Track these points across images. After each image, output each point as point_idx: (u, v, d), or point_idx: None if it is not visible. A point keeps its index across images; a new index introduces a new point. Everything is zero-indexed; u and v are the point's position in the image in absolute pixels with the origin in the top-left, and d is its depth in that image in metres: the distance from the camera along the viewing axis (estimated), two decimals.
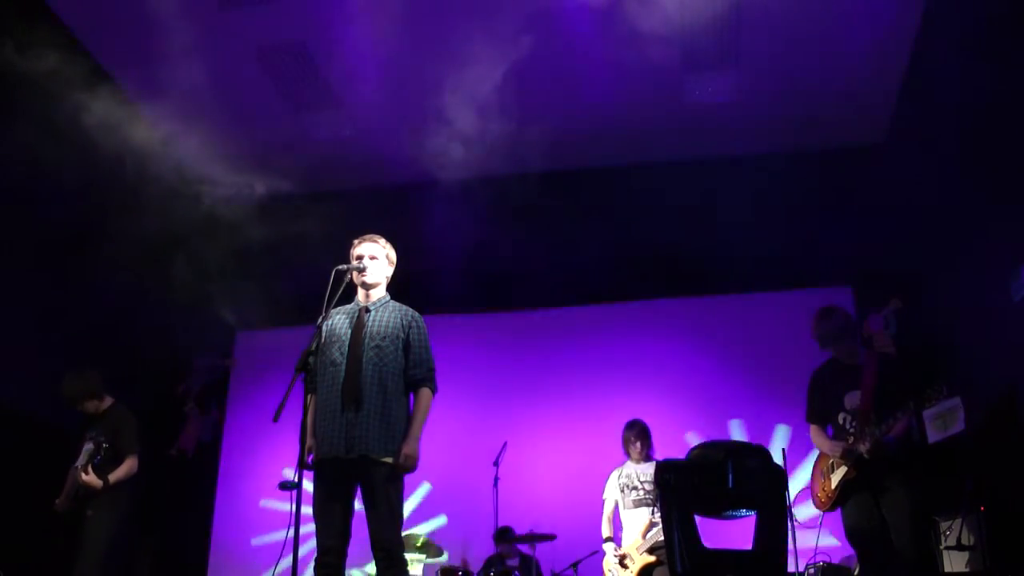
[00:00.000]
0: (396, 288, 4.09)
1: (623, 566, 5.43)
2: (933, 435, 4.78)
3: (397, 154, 6.74)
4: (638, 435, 5.67)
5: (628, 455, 5.72)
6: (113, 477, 4.91)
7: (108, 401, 5.22)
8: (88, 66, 5.69)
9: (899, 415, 4.04)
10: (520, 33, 5.44)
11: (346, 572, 3.69)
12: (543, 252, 7.42)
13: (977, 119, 5.19)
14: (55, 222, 6.20)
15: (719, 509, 3.39)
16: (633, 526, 5.49)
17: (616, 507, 5.68)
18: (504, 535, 6.32)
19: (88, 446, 4.93)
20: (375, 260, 3.96)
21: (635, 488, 5.55)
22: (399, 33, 5.44)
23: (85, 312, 6.48)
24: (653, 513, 5.33)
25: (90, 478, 4.82)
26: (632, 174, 6.98)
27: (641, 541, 5.37)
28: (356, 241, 4.01)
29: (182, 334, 7.88)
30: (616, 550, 5.52)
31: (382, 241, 4.03)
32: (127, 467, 5.00)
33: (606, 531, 5.67)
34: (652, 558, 5.28)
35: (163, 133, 6.43)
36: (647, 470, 5.53)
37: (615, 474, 5.74)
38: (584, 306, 7.54)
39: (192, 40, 5.46)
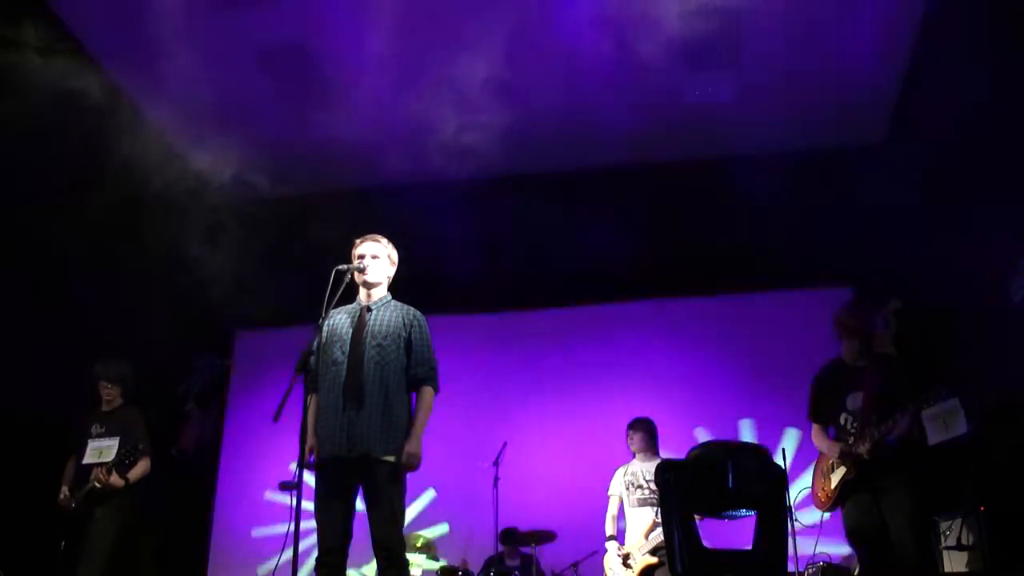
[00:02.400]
0: (397, 288, 4.10)
1: (625, 566, 5.42)
2: (934, 437, 4.77)
3: (397, 154, 6.74)
4: (643, 433, 5.64)
5: (634, 453, 5.70)
6: (132, 476, 5.04)
7: (121, 400, 5.31)
8: (86, 65, 5.68)
9: (898, 416, 4.05)
10: (520, 33, 5.44)
11: (347, 572, 3.69)
12: (544, 252, 7.42)
13: (977, 119, 5.19)
14: (55, 222, 6.20)
15: (719, 509, 3.40)
16: (636, 525, 5.46)
17: (621, 505, 5.65)
18: (510, 535, 6.33)
19: (95, 443, 5.00)
20: (376, 259, 3.97)
21: (640, 487, 5.52)
22: (399, 33, 5.44)
23: (84, 311, 6.48)
24: (657, 513, 5.30)
25: (115, 479, 4.93)
26: (632, 174, 6.97)
27: (644, 542, 5.35)
28: (358, 241, 4.02)
29: (182, 334, 7.89)
30: (619, 549, 5.50)
31: (384, 241, 4.04)
32: (143, 467, 5.12)
33: (609, 529, 5.64)
34: (654, 559, 5.26)
35: (162, 132, 6.43)
36: (653, 469, 5.46)
37: (620, 471, 5.70)
38: (584, 306, 7.54)
39: (192, 40, 5.45)
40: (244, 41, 5.76)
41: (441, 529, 7.07)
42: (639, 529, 5.42)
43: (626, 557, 5.42)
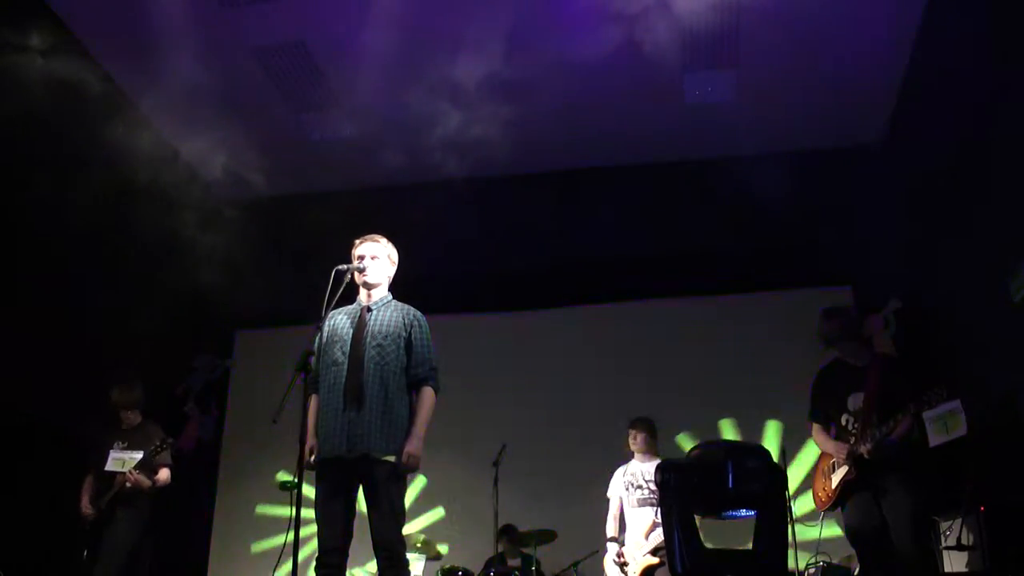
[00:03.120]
0: (397, 288, 4.09)
1: (626, 566, 5.41)
2: (935, 439, 4.76)
3: (397, 154, 6.74)
4: (646, 433, 5.63)
5: (633, 453, 5.68)
6: (158, 479, 5.25)
7: (140, 416, 5.50)
8: (87, 66, 5.68)
9: (900, 417, 4.05)
10: (520, 34, 5.44)
11: (347, 572, 3.69)
12: (543, 252, 7.42)
13: (976, 119, 5.19)
14: (55, 222, 6.20)
15: (719, 509, 3.39)
16: (637, 526, 5.45)
17: (621, 505, 5.64)
18: (508, 533, 6.33)
19: (116, 453, 5.18)
20: (376, 260, 3.97)
21: (639, 487, 5.51)
22: (399, 32, 5.44)
23: (85, 312, 6.48)
24: (657, 514, 5.29)
25: (140, 477, 5.10)
26: (632, 174, 6.97)
27: (644, 542, 5.34)
28: (357, 241, 4.02)
29: (182, 334, 7.88)
30: (620, 550, 5.49)
31: (383, 241, 4.04)
32: (164, 475, 5.33)
33: (610, 530, 5.63)
34: (655, 559, 5.25)
35: (161, 131, 6.44)
36: (652, 469, 5.43)
37: (620, 472, 5.69)
38: (584, 306, 7.53)
39: (192, 39, 5.46)
40: (244, 40, 5.76)
41: (440, 522, 7.07)
42: (640, 529, 5.41)
43: (626, 559, 5.41)
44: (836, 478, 4.26)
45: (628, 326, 7.40)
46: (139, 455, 5.14)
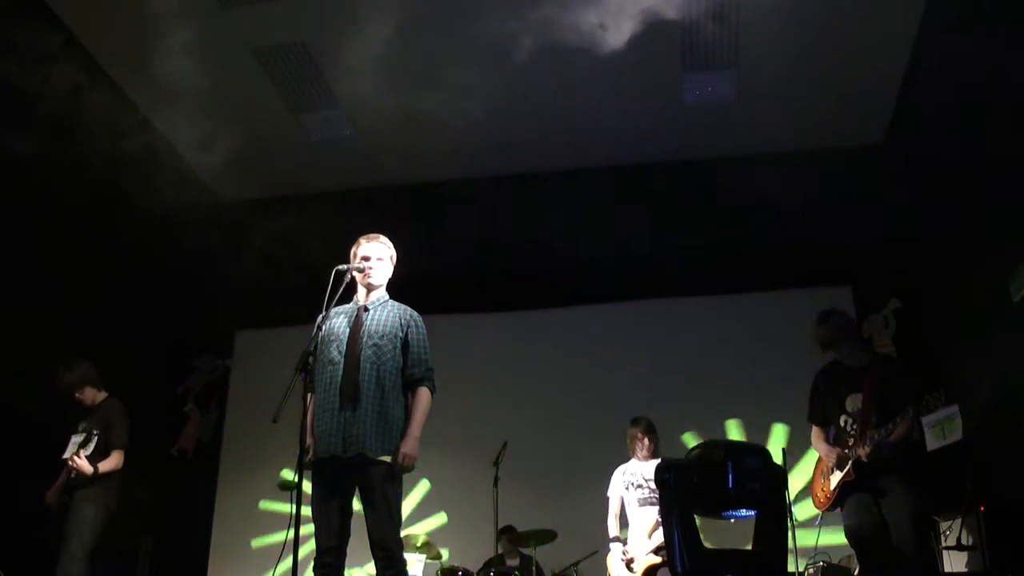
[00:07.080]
0: (395, 288, 4.09)
1: (629, 566, 5.41)
2: (932, 443, 4.77)
3: (397, 154, 6.74)
4: (645, 432, 5.62)
5: (633, 453, 5.67)
6: (102, 467, 4.94)
7: (103, 394, 5.26)
8: (87, 65, 5.68)
9: (899, 420, 4.03)
10: (519, 33, 5.43)
11: (345, 572, 3.69)
12: (543, 252, 7.42)
13: (976, 119, 5.19)
14: (54, 221, 6.20)
15: (719, 509, 3.40)
16: (639, 525, 5.45)
17: (622, 505, 5.62)
18: (508, 533, 6.32)
19: (77, 437, 4.99)
20: (381, 261, 3.97)
21: (640, 487, 5.50)
22: (399, 33, 5.44)
23: (84, 312, 6.48)
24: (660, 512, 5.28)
25: (81, 463, 4.87)
26: (632, 174, 6.98)
27: (647, 541, 5.34)
28: (364, 240, 4.00)
29: (182, 334, 7.89)
30: (623, 549, 5.48)
31: (387, 241, 4.03)
32: (115, 460, 5.02)
33: (612, 530, 5.62)
34: (658, 559, 5.23)
35: (162, 132, 6.44)
36: (651, 468, 5.42)
37: (619, 471, 5.68)
38: (584, 306, 7.54)
39: (192, 39, 5.45)
40: (244, 40, 5.76)
41: (439, 521, 7.07)
42: (642, 529, 5.41)
43: (630, 559, 5.41)
44: (835, 479, 4.26)
45: (628, 326, 7.40)
46: (80, 438, 4.96)
